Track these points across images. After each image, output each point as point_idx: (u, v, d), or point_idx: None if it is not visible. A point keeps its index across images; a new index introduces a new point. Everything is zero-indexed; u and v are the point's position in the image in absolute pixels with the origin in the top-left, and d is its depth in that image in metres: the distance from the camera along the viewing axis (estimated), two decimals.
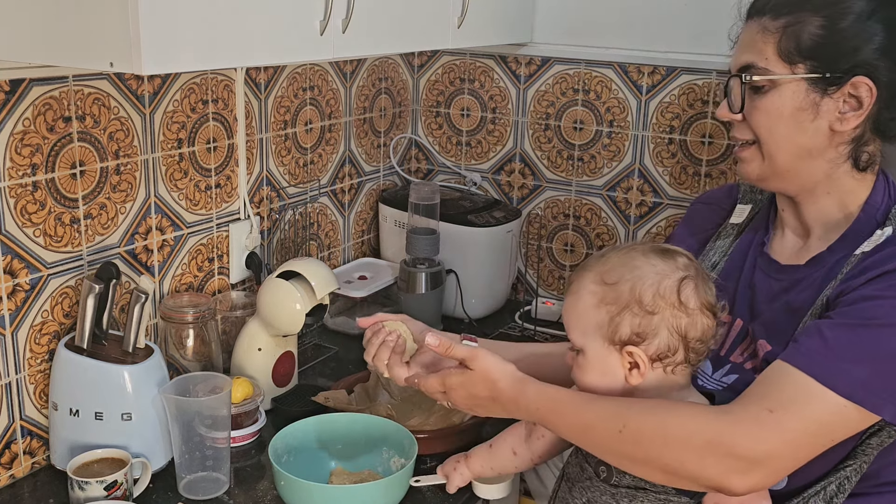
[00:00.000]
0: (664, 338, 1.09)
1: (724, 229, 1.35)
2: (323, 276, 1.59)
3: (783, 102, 1.15)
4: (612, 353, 1.11)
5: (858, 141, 1.15)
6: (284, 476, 1.31)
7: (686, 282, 1.09)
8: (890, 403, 1.02)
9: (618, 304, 1.10)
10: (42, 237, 1.41)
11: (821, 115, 1.14)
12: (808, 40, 1.12)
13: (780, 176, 1.20)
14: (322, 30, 1.37)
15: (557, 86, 2.11)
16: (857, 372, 1.02)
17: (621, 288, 1.10)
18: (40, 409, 1.46)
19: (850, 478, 1.11)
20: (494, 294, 2.14)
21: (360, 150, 2.17)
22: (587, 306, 1.12)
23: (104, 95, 1.48)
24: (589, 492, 1.16)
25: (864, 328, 1.04)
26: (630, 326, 1.09)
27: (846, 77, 1.11)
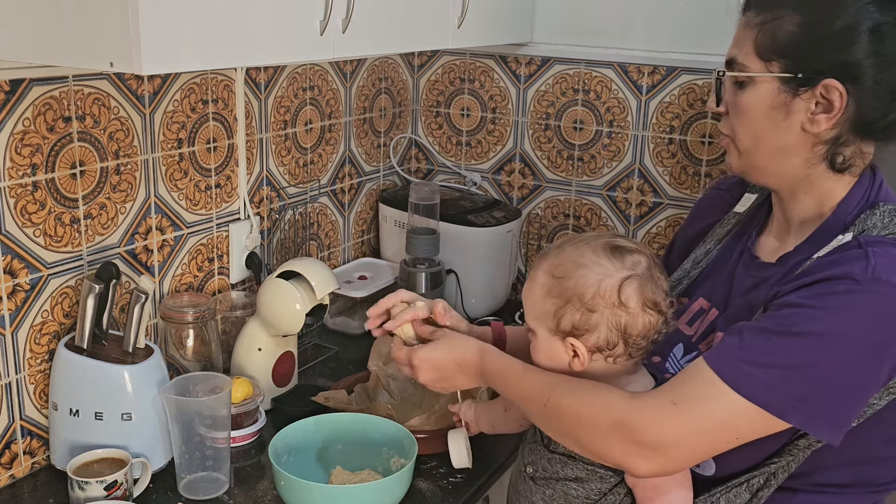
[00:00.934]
0: (603, 333, 1.14)
1: (728, 217, 1.36)
2: (323, 276, 1.59)
3: (758, 100, 1.14)
4: (556, 340, 1.18)
5: (835, 142, 1.12)
6: (284, 476, 1.31)
7: (628, 282, 1.13)
8: (797, 410, 1.02)
9: (561, 298, 1.15)
10: (42, 237, 1.41)
11: (791, 115, 1.12)
12: (783, 38, 1.11)
13: (758, 171, 1.20)
14: (322, 30, 1.37)
15: (557, 86, 2.11)
16: (763, 376, 1.02)
17: (566, 283, 1.15)
18: (40, 409, 1.46)
19: (776, 474, 1.13)
20: (494, 294, 2.14)
21: (360, 150, 2.17)
22: (537, 295, 1.19)
23: (104, 95, 1.48)
24: (534, 454, 1.25)
25: (780, 335, 1.04)
26: (571, 320, 1.15)
27: (818, 78, 1.09)
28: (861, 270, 1.03)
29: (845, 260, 1.06)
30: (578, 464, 1.18)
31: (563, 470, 1.19)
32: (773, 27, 1.12)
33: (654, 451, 1.06)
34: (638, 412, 1.07)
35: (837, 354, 1.02)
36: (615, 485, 1.16)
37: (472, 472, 1.47)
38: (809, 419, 1.03)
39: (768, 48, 1.12)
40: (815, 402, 1.03)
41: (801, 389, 1.02)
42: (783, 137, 1.14)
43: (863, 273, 1.03)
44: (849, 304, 1.02)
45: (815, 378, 1.02)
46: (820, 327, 1.02)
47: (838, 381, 1.03)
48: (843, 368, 1.02)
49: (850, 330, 1.02)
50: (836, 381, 1.03)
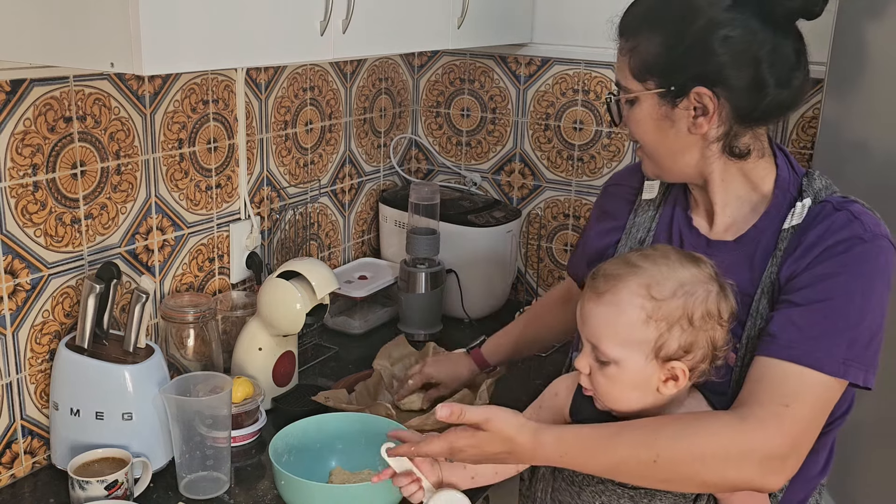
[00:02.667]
0: (700, 352, 1.10)
1: (640, 206, 1.39)
2: (323, 276, 1.59)
3: (644, 114, 1.23)
4: (653, 366, 1.09)
5: (727, 136, 1.21)
6: (284, 475, 1.32)
7: (721, 294, 1.11)
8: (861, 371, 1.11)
9: (668, 321, 1.07)
10: (43, 237, 1.42)
11: (676, 122, 1.21)
12: (650, 59, 1.20)
13: (670, 172, 1.28)
14: (322, 30, 1.37)
15: (557, 86, 2.11)
16: (834, 350, 1.10)
17: (672, 304, 1.07)
18: (41, 408, 1.46)
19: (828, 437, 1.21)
20: (494, 294, 2.14)
21: (361, 150, 2.17)
22: (633, 321, 1.08)
23: (105, 96, 1.48)
24: (604, 495, 1.16)
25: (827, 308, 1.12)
26: (678, 342, 1.08)
27: (688, 87, 1.18)
28: (862, 230, 1.14)
29: (840, 224, 1.16)
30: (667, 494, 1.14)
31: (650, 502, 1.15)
32: (640, 51, 1.21)
33: (784, 460, 1.08)
34: (762, 430, 1.07)
35: (872, 307, 1.12)
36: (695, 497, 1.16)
37: None
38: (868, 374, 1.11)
39: (640, 69, 1.21)
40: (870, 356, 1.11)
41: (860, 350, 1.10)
42: (677, 142, 1.23)
43: (864, 232, 1.14)
44: (865, 260, 1.13)
45: (865, 335, 1.11)
46: (856, 288, 1.12)
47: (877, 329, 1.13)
48: (877, 317, 1.12)
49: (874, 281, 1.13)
50: (876, 330, 1.12)
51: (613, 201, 1.43)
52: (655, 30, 1.20)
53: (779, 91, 1.18)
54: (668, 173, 1.29)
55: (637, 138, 1.28)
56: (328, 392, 1.60)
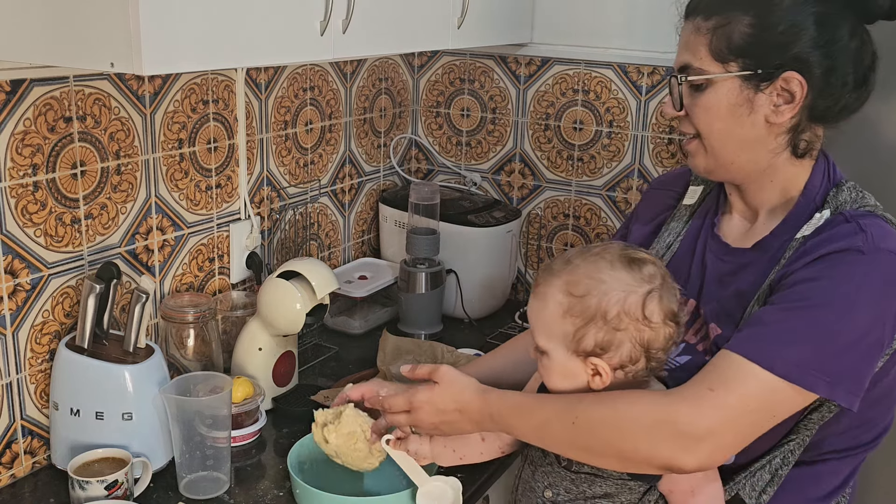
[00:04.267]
0: (627, 350, 1.11)
1: (678, 211, 1.39)
2: (323, 276, 1.59)
3: (719, 99, 1.19)
4: (576, 360, 1.14)
5: (795, 130, 1.19)
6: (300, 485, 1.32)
7: (651, 296, 1.11)
8: (823, 381, 1.06)
9: (583, 317, 1.11)
10: (43, 237, 1.42)
11: (756, 109, 1.18)
12: (738, 39, 1.16)
13: (725, 168, 1.24)
14: (322, 30, 1.37)
15: (557, 86, 2.11)
16: (793, 352, 1.06)
17: (587, 302, 1.11)
18: (41, 408, 1.46)
19: (793, 451, 1.17)
20: (494, 294, 2.14)
21: (361, 150, 2.17)
22: (553, 315, 1.14)
23: (105, 96, 1.48)
24: (550, 476, 1.21)
25: (801, 310, 1.09)
26: (594, 339, 1.11)
27: (777, 72, 1.15)
28: (862, 241, 1.10)
29: (842, 234, 1.12)
30: (607, 480, 1.16)
31: (590, 489, 1.17)
32: (726, 30, 1.17)
33: (700, 441, 1.06)
34: (678, 404, 1.08)
35: (855, 320, 1.07)
36: (644, 493, 1.16)
37: (473, 472, 1.47)
38: (834, 388, 1.06)
39: (724, 50, 1.17)
40: (839, 369, 1.06)
41: (827, 360, 1.06)
42: (749, 131, 1.19)
43: (865, 244, 1.10)
44: (858, 273, 1.09)
45: (838, 347, 1.07)
46: (836, 296, 1.08)
47: (857, 346, 1.07)
48: (860, 334, 1.07)
49: (864, 296, 1.08)
50: (855, 346, 1.07)
51: (654, 205, 1.43)
52: (744, 7, 1.16)
53: (855, 89, 1.17)
54: (724, 169, 1.24)
55: (700, 127, 1.22)
56: (328, 391, 1.60)
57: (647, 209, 1.45)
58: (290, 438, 1.50)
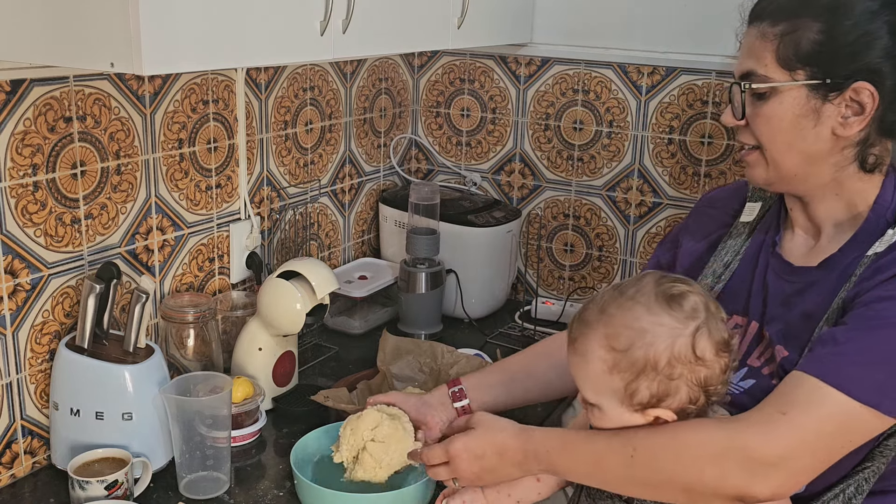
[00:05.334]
0: (685, 393, 1.04)
1: (735, 228, 1.33)
2: (323, 276, 1.59)
3: (784, 109, 1.14)
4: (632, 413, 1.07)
5: (864, 143, 1.13)
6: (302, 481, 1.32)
7: (700, 334, 1.03)
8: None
9: (632, 371, 1.04)
10: (43, 237, 1.42)
11: (822, 120, 1.12)
12: (806, 47, 1.11)
13: (786, 180, 1.19)
14: (322, 30, 1.37)
15: (557, 86, 2.11)
16: (871, 375, 1.01)
17: (633, 355, 1.03)
18: (41, 408, 1.46)
19: (868, 479, 1.11)
20: (494, 294, 2.14)
21: (361, 150, 2.17)
22: (597, 372, 1.06)
23: (105, 96, 1.48)
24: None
25: (877, 329, 1.03)
26: (649, 392, 1.04)
27: (847, 82, 1.10)
28: None
29: None
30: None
31: None
32: (794, 37, 1.11)
33: (773, 467, 1.00)
34: (747, 429, 1.02)
35: None
36: None
37: None
38: None
39: (791, 58, 1.12)
40: None
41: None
42: (814, 144, 1.13)
43: None
44: None
45: None
46: None
47: None
48: None
49: None
50: None
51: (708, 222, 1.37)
52: (814, 14, 1.10)
53: None
54: (785, 182, 1.19)
55: (762, 138, 1.17)
56: (328, 391, 1.60)
57: (700, 226, 1.39)
58: (290, 438, 1.50)
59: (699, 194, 2.00)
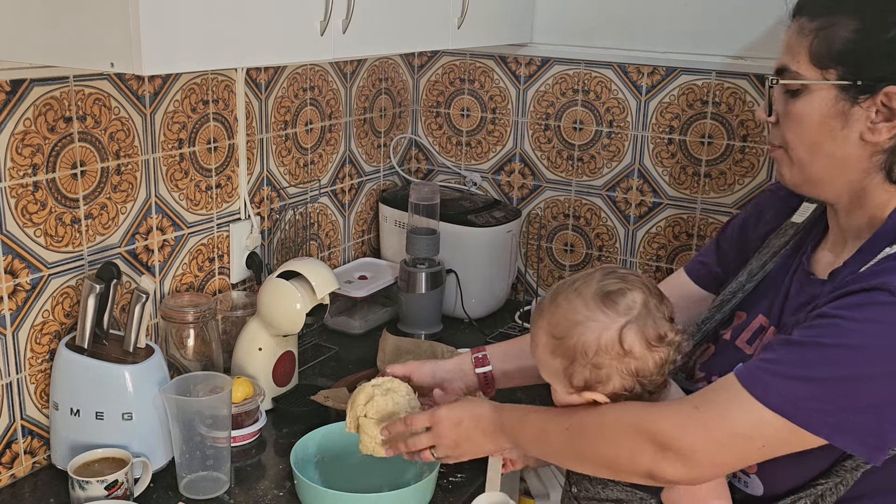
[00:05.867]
0: (617, 381, 1.12)
1: (784, 227, 1.30)
2: (323, 276, 1.59)
3: (812, 109, 1.10)
4: (574, 394, 1.16)
5: (893, 152, 1.08)
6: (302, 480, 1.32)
7: (627, 329, 1.10)
8: (824, 424, 1.00)
9: (566, 357, 1.13)
10: (43, 237, 1.42)
11: (850, 124, 1.08)
12: (839, 45, 1.07)
13: (812, 183, 1.15)
14: (322, 30, 1.37)
15: (557, 86, 2.11)
16: (790, 388, 1.01)
17: (567, 343, 1.13)
18: (41, 408, 1.46)
19: (823, 496, 1.10)
20: (494, 294, 2.14)
21: (361, 150, 2.17)
22: (544, 354, 1.17)
23: (105, 96, 1.48)
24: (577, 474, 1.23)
25: (809, 347, 1.02)
26: (582, 377, 1.13)
27: (878, 86, 1.05)
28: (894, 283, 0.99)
29: (885, 271, 1.02)
30: (618, 486, 1.17)
31: (603, 491, 1.18)
32: (828, 34, 1.07)
33: (679, 456, 1.05)
34: (661, 417, 1.07)
35: (868, 368, 0.99)
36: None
37: (473, 472, 1.47)
38: (837, 433, 1.00)
39: (824, 55, 1.08)
40: (845, 416, 0.99)
41: (829, 403, 0.99)
42: (840, 148, 1.09)
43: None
44: (880, 317, 0.99)
45: (844, 392, 0.99)
46: (850, 340, 0.99)
47: (869, 396, 0.99)
48: (871, 385, 0.99)
49: (879, 343, 0.99)
50: (866, 396, 0.99)
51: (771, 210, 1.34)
52: (852, 11, 1.06)
53: None
54: (812, 185, 1.15)
55: (788, 137, 1.13)
56: (327, 391, 1.60)
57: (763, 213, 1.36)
58: (290, 438, 1.50)
59: (699, 194, 2.00)
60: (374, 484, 1.42)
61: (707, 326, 1.32)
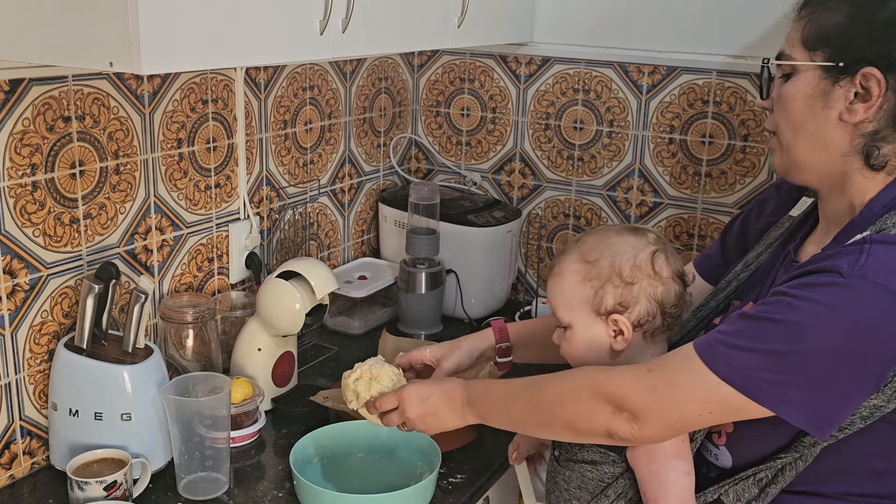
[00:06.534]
0: (644, 305, 1.20)
1: (783, 221, 1.33)
2: (323, 276, 1.59)
3: (798, 89, 1.15)
4: (598, 322, 1.22)
5: (873, 137, 1.11)
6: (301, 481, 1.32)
7: (658, 254, 1.21)
8: (769, 394, 1.03)
9: (600, 279, 1.21)
10: (41, 237, 1.41)
11: (830, 104, 1.12)
12: (828, 27, 1.12)
13: (798, 167, 1.18)
14: (322, 29, 1.37)
15: (557, 86, 2.11)
16: (738, 357, 1.05)
17: (602, 264, 1.21)
18: (40, 409, 1.46)
19: (783, 470, 1.13)
20: (494, 294, 2.14)
21: (360, 149, 2.17)
22: (572, 284, 1.23)
23: (104, 95, 1.48)
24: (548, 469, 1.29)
25: (759, 321, 1.06)
26: (613, 297, 1.20)
27: (857, 67, 1.09)
28: (848, 265, 1.02)
29: (840, 254, 1.05)
30: (593, 446, 1.21)
31: (580, 452, 1.22)
32: (820, 17, 1.13)
33: (632, 415, 1.10)
34: (614, 378, 1.13)
35: (810, 347, 1.02)
36: (626, 470, 1.19)
37: (472, 472, 1.47)
38: (782, 405, 1.03)
39: (814, 38, 1.13)
40: (789, 389, 1.03)
41: (774, 375, 1.03)
42: (821, 128, 1.13)
43: (849, 268, 1.01)
44: (827, 298, 1.02)
45: (787, 366, 1.03)
46: (795, 317, 1.03)
47: (812, 372, 1.02)
48: (815, 361, 1.02)
49: (825, 324, 1.01)
50: (809, 372, 1.02)
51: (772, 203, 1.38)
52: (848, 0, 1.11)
53: None
54: (797, 169, 1.19)
55: (779, 120, 1.18)
56: (327, 392, 1.60)
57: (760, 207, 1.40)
58: (289, 439, 1.50)
59: (700, 194, 2.00)
60: (374, 484, 1.42)
61: (701, 313, 1.36)
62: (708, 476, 1.22)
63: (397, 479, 1.43)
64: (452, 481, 1.45)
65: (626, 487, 1.20)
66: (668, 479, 1.15)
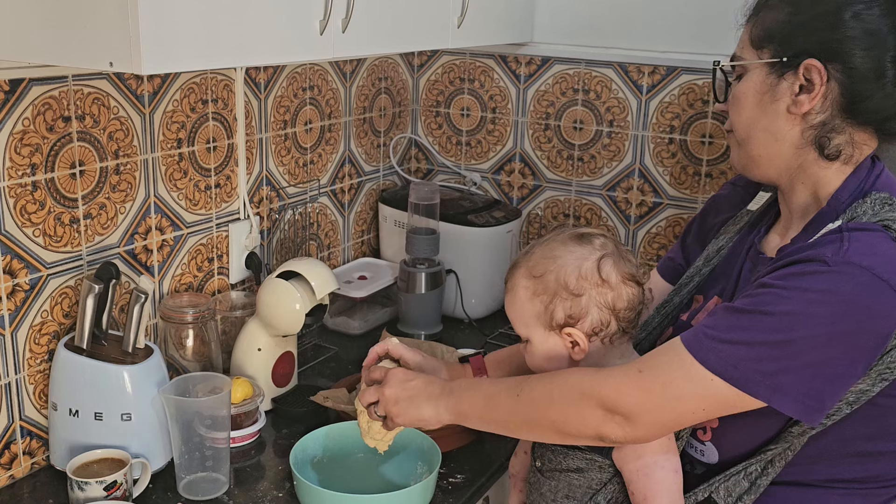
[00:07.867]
0: (595, 314, 1.18)
1: (740, 215, 1.36)
2: (323, 276, 1.59)
3: (748, 87, 1.19)
4: (553, 336, 1.21)
5: (823, 127, 1.14)
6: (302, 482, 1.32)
7: (604, 260, 1.19)
8: (763, 385, 1.04)
9: (548, 293, 1.19)
10: (41, 237, 1.41)
11: (777, 98, 1.16)
12: (771, 25, 1.16)
13: (755, 163, 1.22)
14: (322, 29, 1.37)
15: (557, 86, 2.11)
16: (729, 351, 1.05)
17: (548, 278, 1.19)
18: (40, 409, 1.46)
19: (773, 462, 1.14)
20: (494, 294, 2.14)
21: (360, 149, 2.17)
22: (523, 300, 1.22)
23: (104, 95, 1.48)
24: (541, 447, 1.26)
25: (748, 313, 1.06)
26: (563, 311, 1.19)
27: (800, 59, 1.13)
28: (832, 253, 1.04)
29: (821, 243, 1.07)
30: (577, 454, 1.20)
31: (564, 461, 1.21)
32: (765, 17, 1.17)
33: (623, 417, 1.09)
34: (605, 380, 1.11)
35: (803, 333, 1.03)
36: (614, 475, 1.19)
37: (472, 472, 1.47)
38: (776, 395, 1.04)
39: (760, 37, 1.17)
40: (782, 377, 1.04)
41: (766, 365, 1.04)
42: (772, 122, 1.17)
43: (833, 255, 1.04)
44: (816, 285, 1.03)
45: (780, 355, 1.03)
46: (786, 306, 1.04)
47: (804, 358, 1.03)
48: (809, 347, 1.03)
49: (816, 310, 1.03)
50: (801, 358, 1.03)
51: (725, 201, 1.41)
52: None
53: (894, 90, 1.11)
54: (754, 165, 1.22)
55: (734, 118, 1.22)
56: (327, 392, 1.60)
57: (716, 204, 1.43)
58: (289, 439, 1.50)
59: (700, 194, 2.00)
60: (374, 485, 1.42)
61: (666, 309, 1.37)
62: (693, 474, 1.22)
63: (397, 479, 1.43)
64: (452, 481, 1.45)
65: (615, 493, 1.19)
66: (656, 477, 1.15)
